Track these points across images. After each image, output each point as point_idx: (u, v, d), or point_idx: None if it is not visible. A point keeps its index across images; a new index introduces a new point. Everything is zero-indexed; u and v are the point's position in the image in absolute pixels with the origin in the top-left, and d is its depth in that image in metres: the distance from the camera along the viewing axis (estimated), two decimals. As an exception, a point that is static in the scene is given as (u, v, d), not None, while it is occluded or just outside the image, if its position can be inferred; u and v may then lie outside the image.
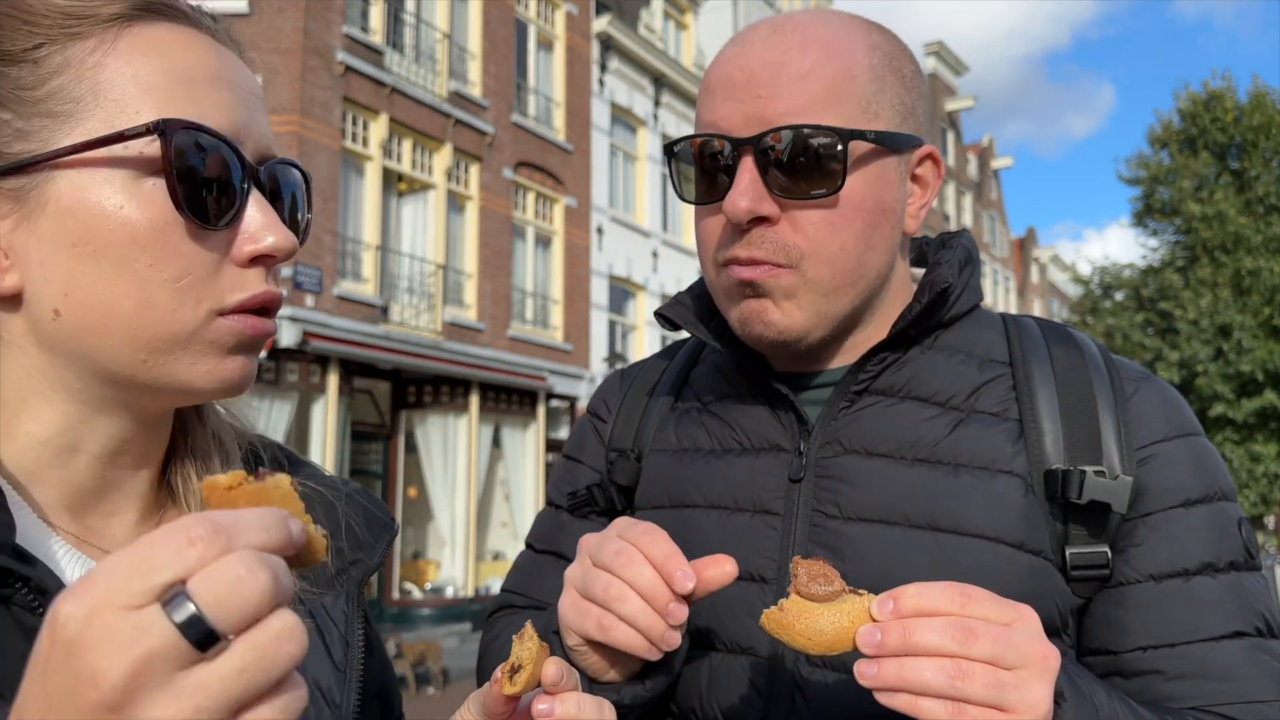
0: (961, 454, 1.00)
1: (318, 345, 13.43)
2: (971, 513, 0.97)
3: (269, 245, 0.72)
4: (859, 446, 1.03)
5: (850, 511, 1.00)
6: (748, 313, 1.01)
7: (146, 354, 0.70)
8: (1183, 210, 23.56)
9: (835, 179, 0.95)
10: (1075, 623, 1.00)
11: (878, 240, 1.00)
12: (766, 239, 0.97)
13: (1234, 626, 0.95)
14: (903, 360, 1.06)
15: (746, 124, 0.96)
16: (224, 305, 0.71)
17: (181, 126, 0.68)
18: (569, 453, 1.29)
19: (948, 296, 1.06)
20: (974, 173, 39.35)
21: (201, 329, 0.71)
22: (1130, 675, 0.96)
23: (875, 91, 0.98)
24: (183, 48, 0.72)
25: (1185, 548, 0.97)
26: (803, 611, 0.77)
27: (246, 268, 0.73)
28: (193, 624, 0.45)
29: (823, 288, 0.98)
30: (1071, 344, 1.06)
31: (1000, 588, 0.91)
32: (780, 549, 1.02)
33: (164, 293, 0.69)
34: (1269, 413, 21.69)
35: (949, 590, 0.76)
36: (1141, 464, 0.98)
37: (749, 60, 0.98)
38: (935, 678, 0.73)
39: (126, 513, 0.77)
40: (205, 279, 0.70)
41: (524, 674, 0.75)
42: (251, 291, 0.73)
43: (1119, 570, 0.98)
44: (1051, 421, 1.00)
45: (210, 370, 0.72)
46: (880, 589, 0.93)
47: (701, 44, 23.72)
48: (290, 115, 13.55)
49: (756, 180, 0.96)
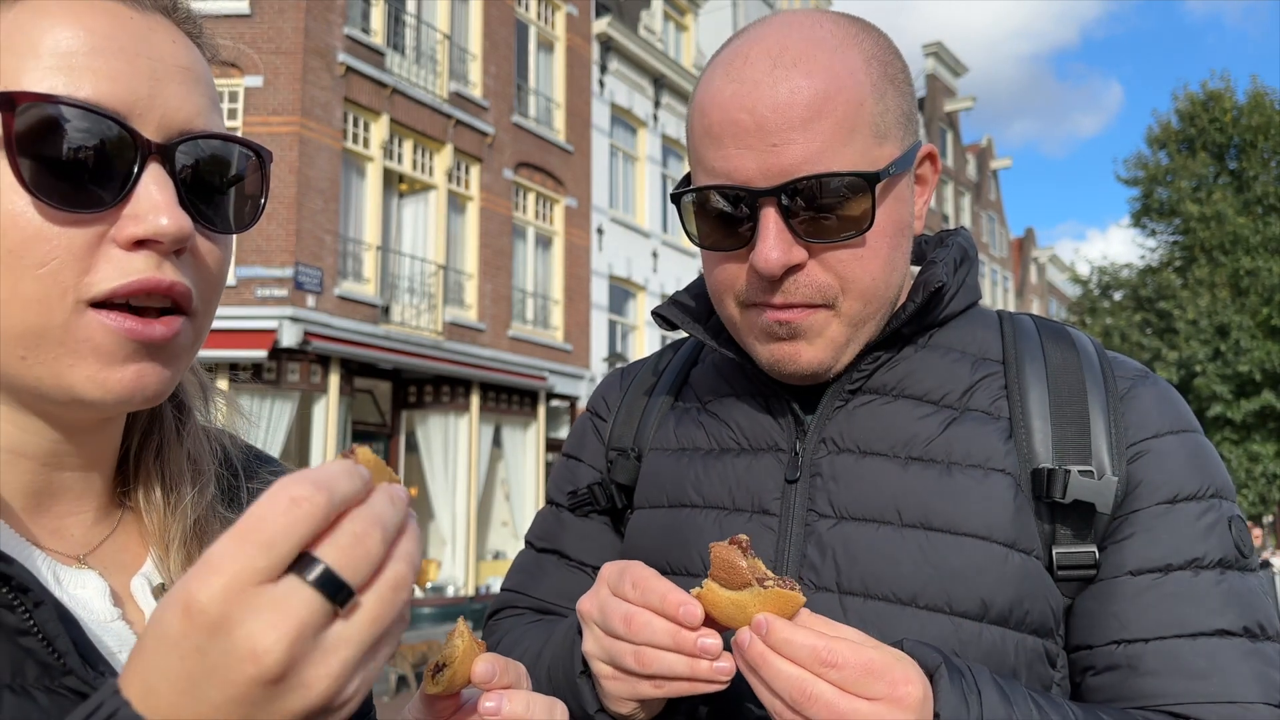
0: (954, 452, 0.99)
1: (319, 345, 13.43)
2: (964, 512, 0.96)
3: (154, 227, 0.64)
4: (852, 445, 1.03)
5: (843, 511, 1.00)
6: (780, 355, 1.00)
7: (25, 350, 0.64)
8: (1181, 210, 23.57)
9: (864, 219, 0.94)
10: (1064, 622, 0.99)
11: (899, 260, 1.01)
12: (800, 284, 0.96)
13: (1218, 624, 0.92)
14: (896, 359, 1.06)
15: (765, 175, 0.93)
16: (92, 294, 0.64)
17: (34, 100, 0.61)
18: (569, 451, 1.28)
19: (942, 295, 1.05)
20: (973, 173, 39.33)
21: (72, 322, 0.64)
22: (1102, 670, 0.95)
23: (881, 111, 0.96)
24: (72, 16, 0.65)
25: (1168, 543, 0.95)
26: (714, 598, 0.83)
27: (131, 251, 0.65)
28: (329, 584, 0.48)
29: (856, 319, 0.99)
30: (1066, 342, 1.06)
31: (991, 587, 0.94)
32: (777, 550, 1.02)
33: (27, 281, 0.62)
34: (1267, 413, 21.69)
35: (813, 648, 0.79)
36: (1132, 461, 0.97)
37: (755, 104, 0.93)
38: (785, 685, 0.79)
39: (82, 514, 0.74)
40: (71, 265, 0.63)
41: (448, 673, 0.72)
42: (130, 278, 0.64)
43: (1103, 567, 0.96)
44: (1041, 420, 0.99)
45: (92, 376, 0.65)
46: (874, 588, 0.96)
47: (701, 44, 23.71)
48: (291, 116, 13.56)
49: (784, 231, 0.94)
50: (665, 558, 1.08)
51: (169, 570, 0.75)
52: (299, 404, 13.76)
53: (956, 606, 0.95)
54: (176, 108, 0.68)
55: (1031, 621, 0.95)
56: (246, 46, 13.69)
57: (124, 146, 0.64)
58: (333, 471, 0.51)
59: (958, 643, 0.94)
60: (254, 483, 0.86)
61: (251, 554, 0.47)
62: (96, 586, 0.71)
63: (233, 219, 0.73)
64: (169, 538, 0.76)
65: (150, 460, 0.78)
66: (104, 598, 0.70)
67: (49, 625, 0.60)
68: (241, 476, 0.85)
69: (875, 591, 0.97)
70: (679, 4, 23.09)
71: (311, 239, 13.66)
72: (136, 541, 0.77)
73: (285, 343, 13.14)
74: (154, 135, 0.66)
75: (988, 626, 0.95)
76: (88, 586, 0.70)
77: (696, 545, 1.07)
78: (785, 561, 1.01)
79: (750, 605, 0.81)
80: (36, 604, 0.60)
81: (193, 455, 0.79)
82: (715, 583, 0.83)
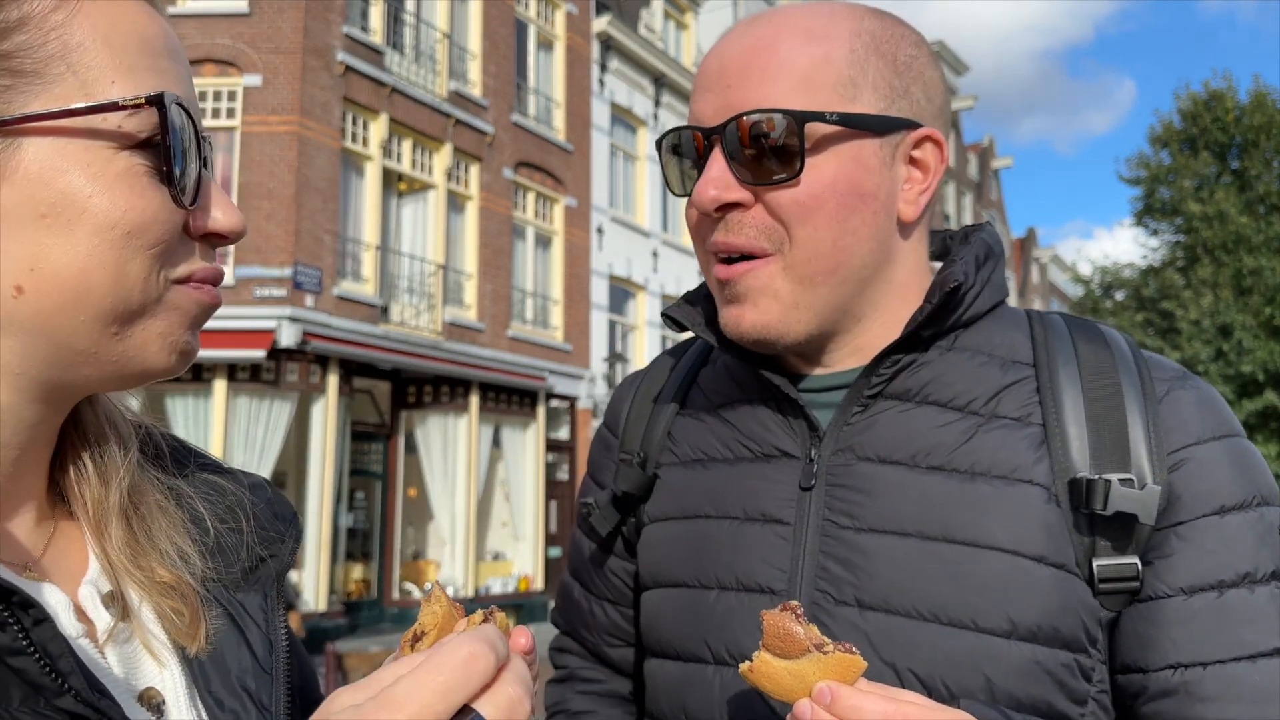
0: (979, 461, 0.95)
1: (318, 345, 13.41)
2: (987, 524, 0.92)
3: (225, 225, 0.73)
4: (872, 453, 0.98)
5: (863, 522, 0.96)
6: (727, 319, 1.00)
7: (118, 326, 0.67)
8: (1183, 210, 23.56)
9: (794, 162, 0.93)
10: (1106, 637, 0.94)
11: (857, 225, 0.96)
12: (745, 223, 0.96)
13: (1275, 643, 0.88)
14: (920, 362, 1.01)
15: (717, 114, 0.96)
16: (176, 274, 0.70)
17: (173, 101, 0.68)
18: (589, 471, 1.28)
19: (961, 295, 1.01)
20: (974, 173, 39.35)
21: (166, 295, 0.70)
22: (1159, 696, 0.91)
23: (854, 75, 0.95)
24: (143, 17, 0.70)
25: (1220, 558, 0.90)
26: (770, 670, 0.79)
27: (199, 240, 0.72)
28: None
29: (801, 273, 0.96)
30: (1100, 341, 1.01)
31: (1020, 603, 0.90)
32: (791, 559, 0.99)
33: (138, 261, 0.67)
34: (1269, 413, 21.68)
35: (884, 714, 0.76)
36: (1173, 470, 0.92)
37: (725, 52, 0.98)
38: None
39: (24, 516, 0.73)
40: (173, 249, 0.70)
41: (428, 641, 0.69)
42: (205, 264, 0.72)
43: (1149, 584, 0.92)
44: (1077, 426, 0.95)
45: (176, 342, 0.71)
46: (895, 603, 0.93)
47: (701, 44, 23.70)
48: (290, 115, 13.54)
49: (724, 169, 0.95)
50: (681, 571, 1.06)
51: (107, 556, 0.74)
52: (298, 404, 13.73)
53: (982, 623, 0.90)
54: (197, 108, 0.74)
55: (1063, 636, 0.90)
56: (245, 45, 13.68)
57: (198, 144, 0.72)
58: (494, 636, 0.59)
59: (985, 659, 0.89)
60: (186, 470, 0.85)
61: (430, 700, 0.54)
62: (59, 601, 0.68)
63: None
64: (106, 509, 0.75)
65: (76, 440, 0.77)
66: (68, 612, 0.68)
67: (51, 645, 0.59)
68: (167, 456, 0.84)
69: (897, 607, 0.92)
70: (679, 3, 23.08)
71: (310, 239, 13.63)
72: (76, 543, 0.75)
73: (284, 343, 13.12)
74: None
75: (1016, 643, 0.90)
76: (50, 601, 0.67)
77: (711, 556, 1.04)
78: (801, 574, 0.97)
79: (811, 674, 0.77)
80: (38, 621, 0.59)
81: (109, 417, 0.79)
82: (769, 653, 0.78)
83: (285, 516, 0.91)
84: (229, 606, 0.81)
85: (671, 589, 1.07)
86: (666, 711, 1.06)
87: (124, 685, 0.69)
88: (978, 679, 0.87)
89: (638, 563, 1.14)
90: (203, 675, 0.75)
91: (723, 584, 1.02)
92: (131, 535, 0.75)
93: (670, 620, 1.07)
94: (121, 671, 0.70)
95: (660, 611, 1.08)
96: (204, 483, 0.86)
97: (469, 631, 0.58)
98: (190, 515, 0.81)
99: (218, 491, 0.86)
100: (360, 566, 15.60)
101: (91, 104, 0.65)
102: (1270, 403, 21.31)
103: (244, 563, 0.84)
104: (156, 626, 0.74)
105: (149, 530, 0.77)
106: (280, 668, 0.81)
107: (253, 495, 0.88)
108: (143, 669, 0.72)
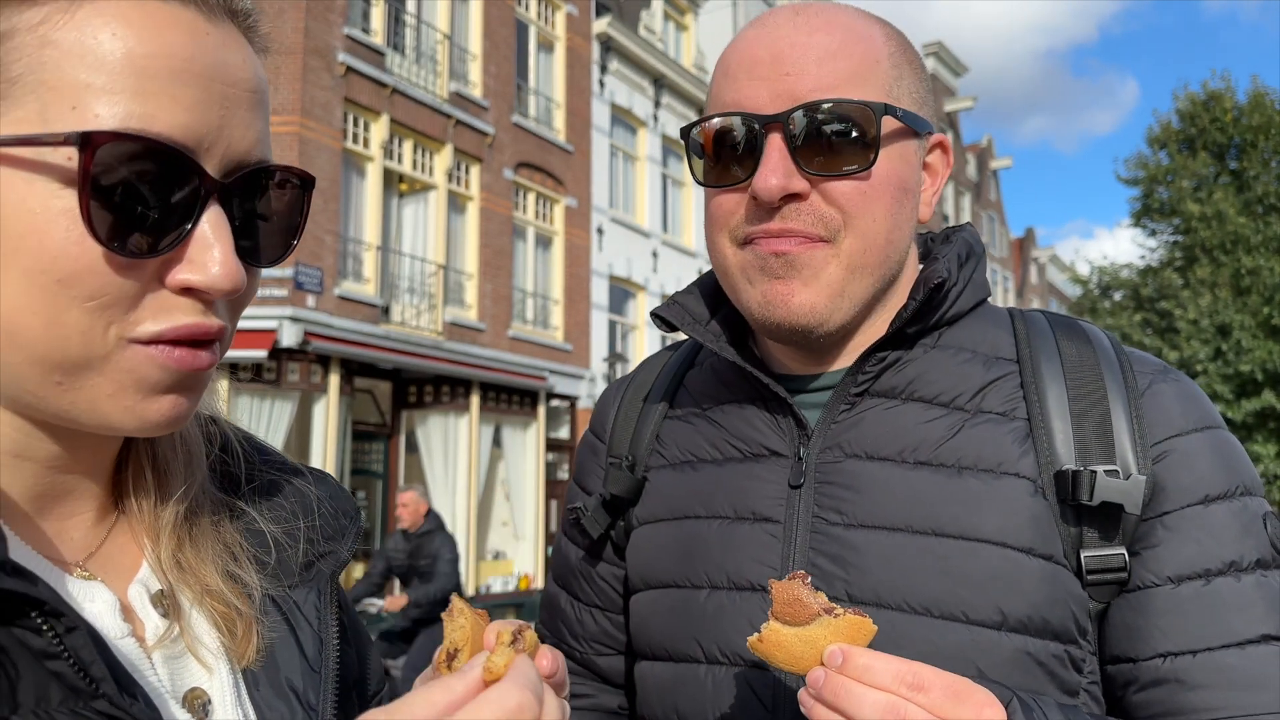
0: (965, 456, 0.96)
1: (319, 345, 13.41)
2: (976, 517, 0.93)
3: (203, 280, 0.63)
4: (860, 451, 1.00)
5: (853, 518, 0.97)
6: (772, 295, 0.97)
7: (61, 376, 0.62)
8: (1182, 210, 23.51)
9: (869, 153, 0.94)
10: (1096, 628, 0.96)
11: (903, 220, 0.99)
12: (801, 212, 0.95)
13: (1262, 630, 0.89)
14: (905, 360, 1.02)
15: (774, 101, 0.94)
16: (136, 334, 0.62)
17: (110, 139, 0.58)
18: (575, 477, 1.27)
19: (944, 293, 1.02)
20: (973, 173, 39.32)
21: (115, 355, 0.62)
22: (1149, 685, 0.91)
23: (896, 77, 0.98)
24: (151, 29, 0.61)
25: (1205, 547, 0.91)
26: (780, 638, 0.79)
27: (179, 294, 0.64)
28: None
29: (855, 264, 0.96)
30: (1082, 337, 1.03)
31: (1009, 594, 0.91)
32: (781, 557, 1.00)
33: (74, 312, 0.60)
34: (1268, 413, 21.65)
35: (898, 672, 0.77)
36: (1157, 460, 0.94)
37: (774, 41, 0.96)
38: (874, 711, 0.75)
39: (84, 514, 0.72)
40: (120, 302, 0.61)
41: (464, 656, 0.69)
42: (175, 323, 0.63)
43: (1137, 574, 0.93)
44: (1061, 420, 0.96)
45: (131, 407, 0.64)
46: (887, 598, 0.94)
47: (701, 45, 23.69)
48: (291, 116, 13.54)
49: (786, 157, 0.93)
50: (672, 571, 1.06)
51: (159, 562, 0.74)
52: (299, 404, 13.73)
53: (973, 615, 0.92)
54: (240, 137, 0.65)
55: (1054, 627, 0.92)
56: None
57: (189, 185, 0.62)
58: (536, 682, 0.65)
59: (977, 652, 0.91)
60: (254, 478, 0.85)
61: None
62: (106, 600, 0.69)
63: (272, 249, 0.72)
64: (160, 525, 0.75)
65: (142, 449, 0.76)
66: (114, 613, 0.69)
67: (83, 651, 0.59)
68: (240, 461, 0.84)
69: (888, 601, 0.94)
70: (679, 4, 23.07)
71: (311, 239, 13.63)
72: (131, 543, 0.76)
73: (285, 343, 13.12)
74: (216, 169, 0.64)
75: (1007, 635, 0.92)
76: (96, 600, 0.69)
77: (701, 556, 1.04)
78: (791, 571, 0.98)
79: (822, 638, 0.78)
80: (69, 629, 0.59)
81: (185, 438, 0.78)
82: (779, 621, 0.80)
83: (348, 512, 0.89)
84: (282, 604, 0.80)
85: (662, 590, 1.08)
86: (658, 713, 1.07)
87: (166, 687, 0.69)
88: (969, 671, 0.87)
89: (627, 566, 1.15)
90: (251, 675, 0.75)
91: (714, 583, 1.03)
92: (184, 550, 0.75)
93: (661, 621, 1.07)
94: (166, 672, 0.70)
95: (651, 613, 1.09)
96: (270, 486, 0.85)
97: (517, 677, 0.63)
98: (247, 530, 0.81)
99: (283, 492, 0.85)
100: (361, 566, 15.60)
101: (30, 133, 0.58)
102: (1269, 402, 21.27)
103: (301, 560, 0.82)
104: (205, 631, 0.75)
105: (199, 550, 0.76)
106: (330, 666, 0.80)
107: (318, 490, 0.87)
108: (189, 670, 0.72)
